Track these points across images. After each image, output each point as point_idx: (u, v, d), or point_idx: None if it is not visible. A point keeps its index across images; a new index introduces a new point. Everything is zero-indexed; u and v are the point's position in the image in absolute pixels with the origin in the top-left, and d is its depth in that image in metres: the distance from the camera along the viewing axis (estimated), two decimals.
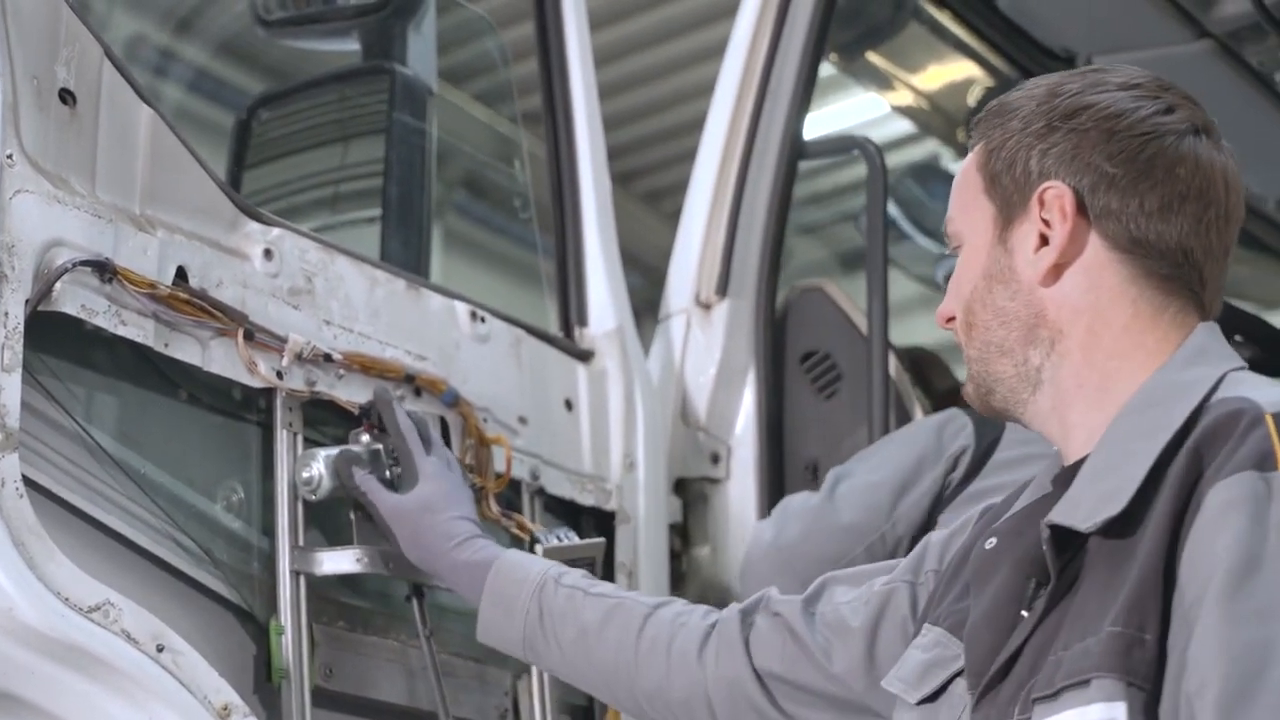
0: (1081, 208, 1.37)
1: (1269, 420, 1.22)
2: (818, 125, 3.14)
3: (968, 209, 1.44)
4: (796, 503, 2.20)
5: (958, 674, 1.37)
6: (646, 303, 2.67)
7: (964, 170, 1.46)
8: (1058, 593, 1.29)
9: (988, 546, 1.42)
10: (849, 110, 3.76)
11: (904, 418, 2.42)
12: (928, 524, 2.07)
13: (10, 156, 1.49)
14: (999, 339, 1.40)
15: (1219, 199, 1.37)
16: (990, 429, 2.09)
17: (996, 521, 1.45)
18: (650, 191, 5.56)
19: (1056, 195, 1.37)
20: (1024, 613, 1.32)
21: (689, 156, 2.62)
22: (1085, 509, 1.28)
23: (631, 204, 5.46)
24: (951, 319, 1.46)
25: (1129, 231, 1.36)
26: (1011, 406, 1.42)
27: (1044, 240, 1.38)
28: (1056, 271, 1.37)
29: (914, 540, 2.07)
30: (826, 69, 3.20)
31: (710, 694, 1.61)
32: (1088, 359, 1.37)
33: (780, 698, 1.59)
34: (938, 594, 1.49)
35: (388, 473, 1.78)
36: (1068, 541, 1.30)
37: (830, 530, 2.10)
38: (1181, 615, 1.18)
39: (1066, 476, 1.37)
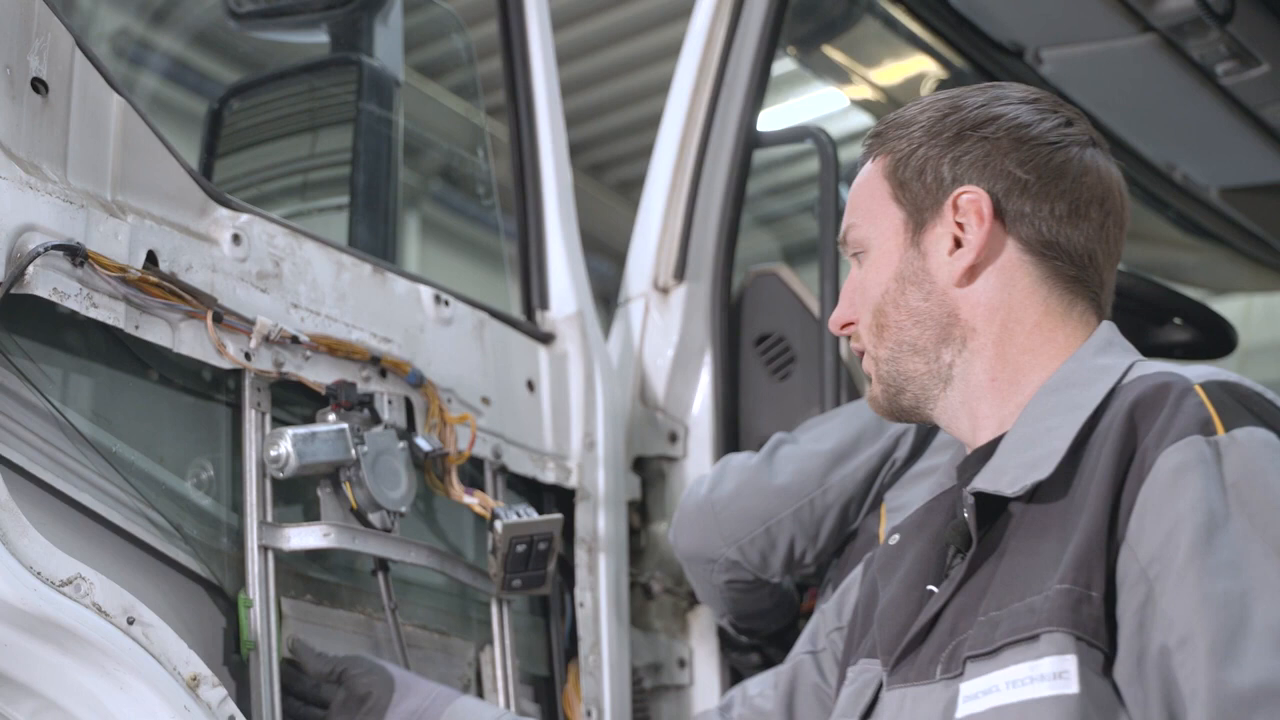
0: (997, 211, 1.42)
1: (1199, 390, 1.29)
2: (778, 119, 3.18)
3: (874, 216, 1.48)
4: (737, 460, 2.22)
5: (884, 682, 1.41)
6: (617, 289, 2.70)
7: (866, 179, 1.49)
8: (979, 558, 1.34)
9: (892, 542, 1.47)
10: (809, 104, 3.79)
11: (854, 398, 2.44)
12: (861, 497, 2.12)
13: None
14: (912, 338, 1.44)
15: (1116, 206, 1.45)
16: None
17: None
18: (621, 182, 5.58)
19: (972, 200, 1.42)
20: (932, 588, 1.37)
21: None
22: (1010, 476, 1.34)
23: (603, 194, 5.48)
24: (848, 324, 1.50)
25: (1041, 234, 1.42)
26: (922, 404, 1.46)
27: (957, 243, 1.43)
28: (972, 273, 1.43)
29: (843, 509, 2.12)
30: (786, 64, 3.24)
31: None
32: (1001, 354, 1.42)
33: None
34: (853, 642, 1.53)
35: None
36: (989, 509, 1.35)
37: (763, 490, 2.14)
38: (1136, 574, 1.23)
39: (978, 458, 1.42)
